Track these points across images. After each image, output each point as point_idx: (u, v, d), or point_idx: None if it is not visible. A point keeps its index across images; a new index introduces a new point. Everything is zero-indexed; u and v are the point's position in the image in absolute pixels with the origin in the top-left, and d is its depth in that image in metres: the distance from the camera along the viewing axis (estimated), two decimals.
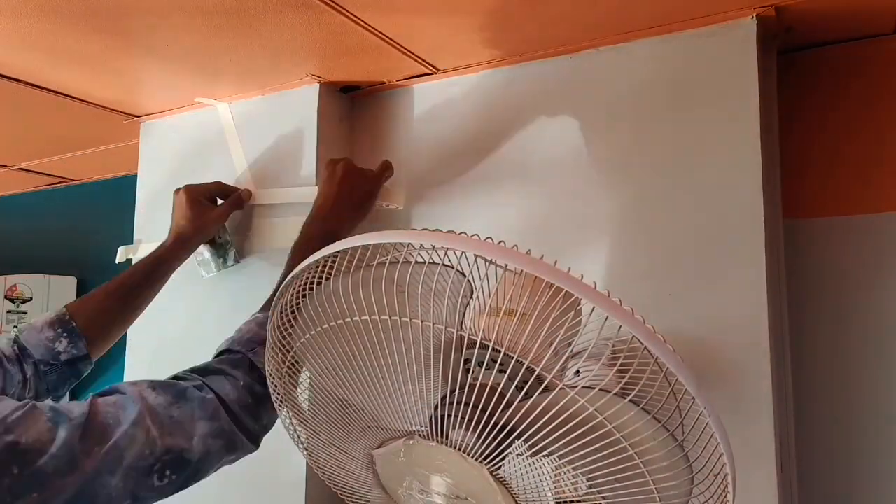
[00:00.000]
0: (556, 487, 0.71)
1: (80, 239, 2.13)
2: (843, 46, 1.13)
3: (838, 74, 1.14)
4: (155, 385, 0.79)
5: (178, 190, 1.21)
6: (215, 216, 1.21)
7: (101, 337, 1.06)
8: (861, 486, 1.08)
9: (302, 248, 1.00)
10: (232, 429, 0.81)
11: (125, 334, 1.41)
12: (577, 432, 0.59)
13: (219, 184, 1.26)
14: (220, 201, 1.24)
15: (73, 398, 2.05)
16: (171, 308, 1.28)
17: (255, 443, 0.86)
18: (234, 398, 0.83)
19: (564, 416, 0.59)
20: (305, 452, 0.85)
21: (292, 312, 0.73)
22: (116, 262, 1.43)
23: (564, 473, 0.70)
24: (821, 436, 1.10)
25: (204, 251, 1.27)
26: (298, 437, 0.85)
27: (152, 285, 1.14)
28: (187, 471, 0.77)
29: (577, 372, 0.66)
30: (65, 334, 1.01)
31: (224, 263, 1.27)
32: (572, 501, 0.70)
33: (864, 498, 1.07)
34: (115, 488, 0.70)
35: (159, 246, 1.17)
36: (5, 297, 2.06)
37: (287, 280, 0.74)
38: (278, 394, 0.81)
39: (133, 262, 1.41)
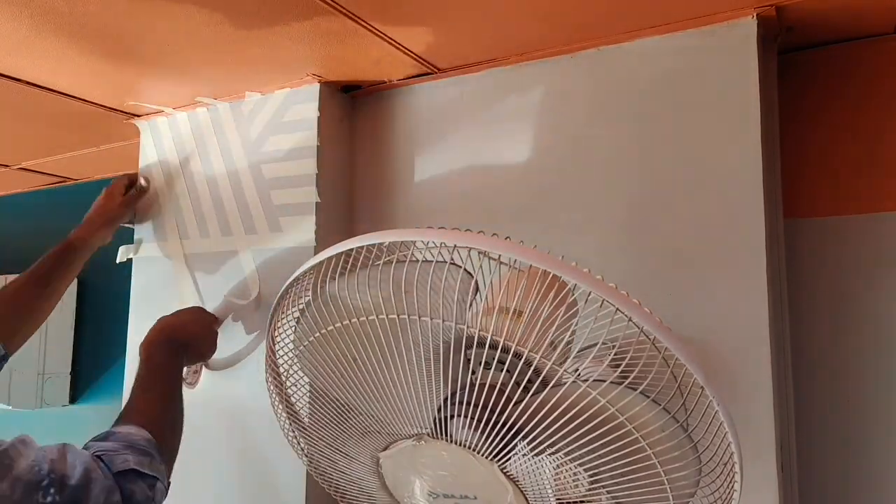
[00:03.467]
0: (557, 486, 0.71)
1: None
2: (843, 46, 1.13)
3: (838, 74, 1.14)
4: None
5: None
6: (121, 202, 1.31)
7: (16, 332, 1.11)
8: (861, 486, 1.08)
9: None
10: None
11: (126, 337, 1.42)
12: (589, 426, 0.59)
13: (127, 175, 1.36)
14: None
15: (72, 401, 2.06)
16: (171, 309, 1.28)
17: None
18: None
19: (575, 409, 0.59)
20: (306, 459, 0.85)
21: (294, 317, 0.73)
22: (117, 261, 1.43)
23: (566, 471, 0.70)
24: (821, 436, 1.10)
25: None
26: (299, 443, 0.85)
27: (63, 273, 1.20)
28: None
29: (577, 371, 0.66)
30: None
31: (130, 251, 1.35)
32: (576, 501, 0.70)
33: (863, 497, 1.08)
34: None
35: (70, 233, 1.23)
36: None
37: (287, 284, 0.74)
38: (277, 401, 0.81)
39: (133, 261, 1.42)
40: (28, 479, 0.71)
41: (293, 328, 0.77)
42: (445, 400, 0.69)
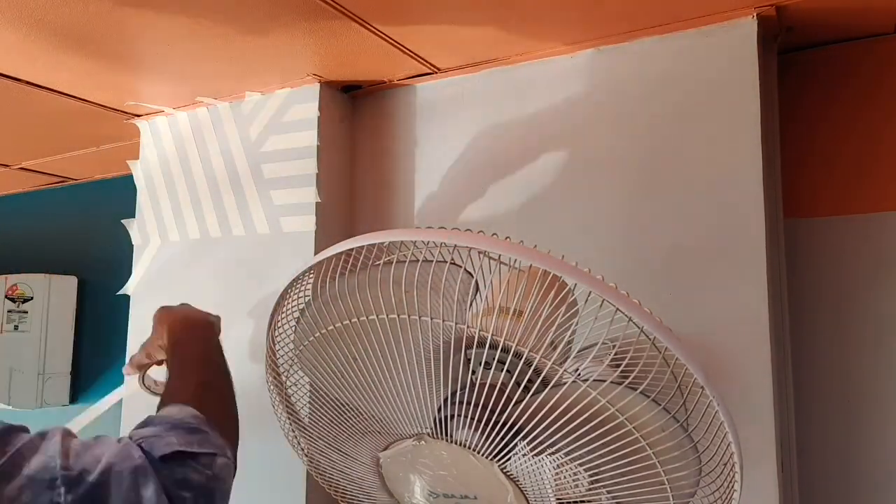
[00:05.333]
0: (557, 486, 0.71)
1: (80, 239, 2.13)
2: (843, 46, 1.13)
3: (838, 74, 1.14)
4: None
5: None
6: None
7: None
8: (861, 486, 1.08)
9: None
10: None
11: (126, 337, 1.42)
12: (589, 426, 0.59)
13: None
14: None
15: (72, 401, 2.06)
16: None
17: None
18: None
19: (575, 409, 0.59)
20: (306, 459, 0.85)
21: (294, 317, 0.73)
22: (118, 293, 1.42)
23: (566, 471, 0.70)
24: (821, 435, 1.10)
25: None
26: (299, 443, 0.85)
27: None
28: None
29: (577, 371, 0.66)
30: None
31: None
32: (576, 501, 0.70)
33: (863, 497, 1.08)
34: None
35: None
36: (6, 296, 2.05)
37: (287, 284, 0.74)
38: (277, 401, 0.81)
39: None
40: (40, 479, 0.64)
41: (293, 328, 0.77)
42: (446, 400, 0.69)
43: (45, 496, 0.63)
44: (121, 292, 1.43)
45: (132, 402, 1.16)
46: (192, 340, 0.94)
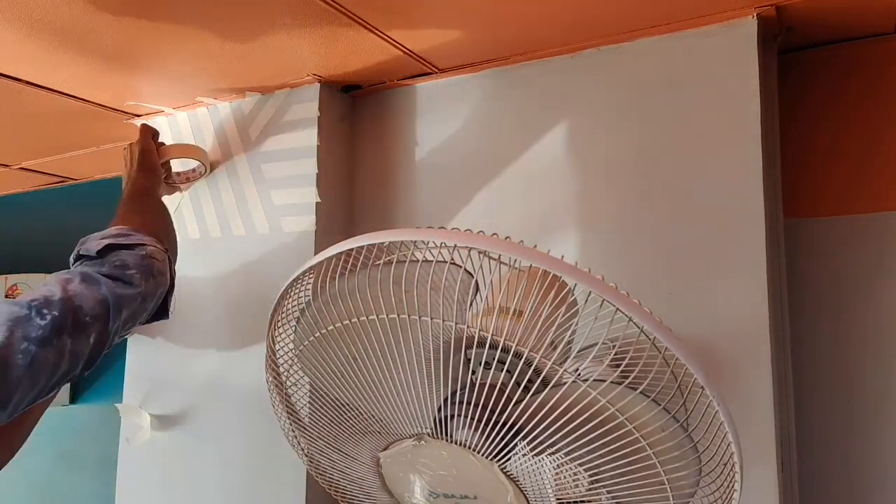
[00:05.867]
0: (557, 486, 0.71)
1: (79, 239, 2.12)
2: (843, 46, 1.13)
3: (839, 74, 1.14)
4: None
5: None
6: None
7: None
8: (861, 486, 1.08)
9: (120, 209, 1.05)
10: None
11: (125, 340, 1.42)
12: (589, 426, 0.59)
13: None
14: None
15: (72, 401, 2.06)
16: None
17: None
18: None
19: (575, 409, 0.59)
20: (306, 459, 0.85)
21: (294, 317, 0.73)
22: None
23: (566, 471, 0.70)
24: (821, 436, 1.10)
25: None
26: (299, 443, 0.85)
27: None
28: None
29: (577, 371, 0.66)
30: None
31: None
32: (576, 501, 0.70)
33: (864, 497, 1.08)
34: None
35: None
36: (6, 296, 2.06)
37: (287, 284, 0.74)
38: (277, 401, 0.81)
39: None
40: (17, 317, 0.72)
41: (293, 328, 0.77)
42: (446, 400, 0.69)
43: (28, 326, 0.72)
44: None
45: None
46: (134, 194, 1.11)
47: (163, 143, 1.25)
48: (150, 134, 1.21)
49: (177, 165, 1.34)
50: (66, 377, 0.78)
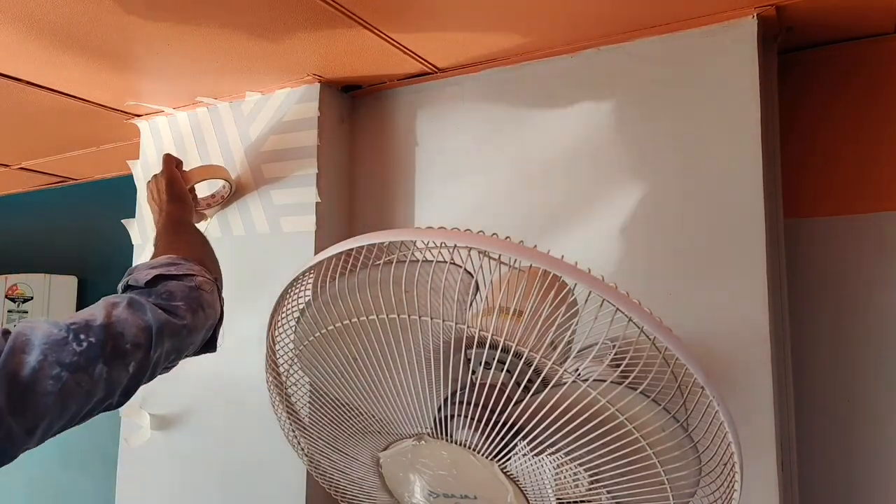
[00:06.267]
0: (557, 486, 0.72)
1: (80, 238, 2.13)
2: (843, 46, 1.13)
3: (838, 74, 1.14)
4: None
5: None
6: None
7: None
8: (861, 485, 1.08)
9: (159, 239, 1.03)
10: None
11: None
12: (589, 426, 0.59)
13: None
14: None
15: None
16: None
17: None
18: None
19: (575, 409, 0.59)
20: (306, 459, 0.85)
21: (294, 316, 0.73)
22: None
23: (566, 471, 0.70)
24: (821, 435, 1.10)
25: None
26: (299, 443, 0.85)
27: None
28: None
29: (577, 371, 0.66)
30: None
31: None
32: (576, 501, 0.70)
33: (864, 497, 1.08)
34: None
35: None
36: (6, 296, 2.06)
37: (287, 284, 0.74)
38: (277, 401, 0.81)
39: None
40: (53, 340, 0.70)
41: (293, 328, 0.77)
42: (446, 400, 0.69)
43: (63, 352, 0.70)
44: None
45: None
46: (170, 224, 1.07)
47: (185, 171, 1.22)
48: (173, 163, 1.17)
49: (201, 188, 1.31)
50: (101, 405, 0.75)
